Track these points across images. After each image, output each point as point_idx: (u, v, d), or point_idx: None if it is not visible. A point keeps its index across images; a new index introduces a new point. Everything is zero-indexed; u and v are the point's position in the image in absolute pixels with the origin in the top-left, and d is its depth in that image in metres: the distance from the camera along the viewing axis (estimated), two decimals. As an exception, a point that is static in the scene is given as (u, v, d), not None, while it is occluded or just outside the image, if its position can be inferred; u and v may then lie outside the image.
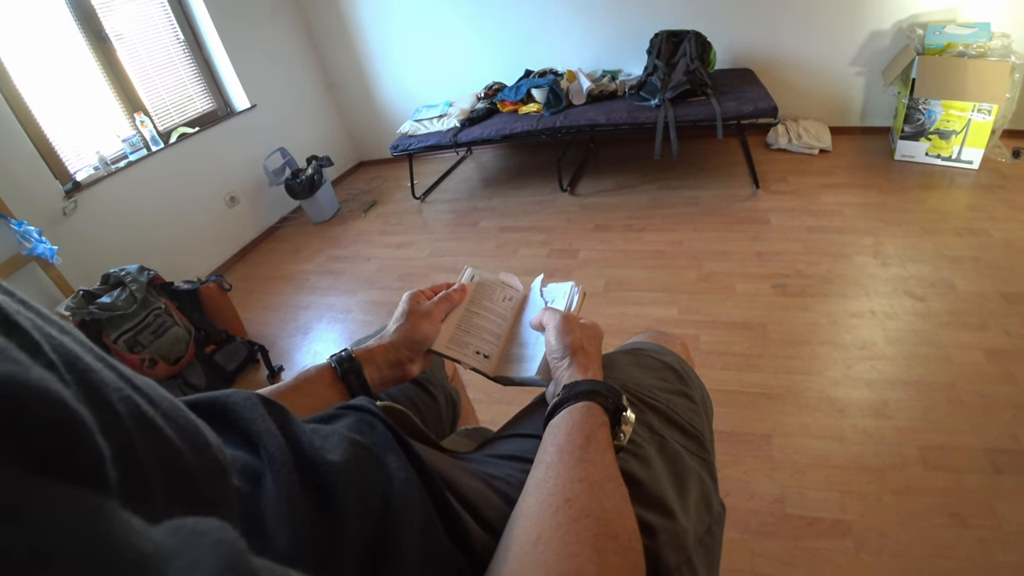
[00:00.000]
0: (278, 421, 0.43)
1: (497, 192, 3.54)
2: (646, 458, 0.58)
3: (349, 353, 0.67)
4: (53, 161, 2.54)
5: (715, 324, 2.01)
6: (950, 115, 2.71)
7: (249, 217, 3.57)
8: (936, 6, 2.92)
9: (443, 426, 0.86)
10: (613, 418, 0.55)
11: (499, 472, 0.58)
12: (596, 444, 0.50)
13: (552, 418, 0.55)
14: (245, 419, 0.42)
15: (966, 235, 2.29)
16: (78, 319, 2.02)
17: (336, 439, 0.46)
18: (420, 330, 0.71)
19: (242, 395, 0.44)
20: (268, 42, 3.75)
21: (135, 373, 0.31)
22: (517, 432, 0.68)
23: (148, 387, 0.31)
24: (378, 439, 0.48)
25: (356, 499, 0.41)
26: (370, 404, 0.53)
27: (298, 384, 0.63)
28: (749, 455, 1.50)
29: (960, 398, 1.58)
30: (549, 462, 0.49)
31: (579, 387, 0.56)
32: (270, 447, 0.40)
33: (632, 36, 3.41)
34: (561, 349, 0.63)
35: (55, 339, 0.26)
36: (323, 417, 0.52)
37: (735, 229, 2.59)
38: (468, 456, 0.64)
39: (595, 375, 0.60)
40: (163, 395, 0.32)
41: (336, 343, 2.41)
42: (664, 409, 0.67)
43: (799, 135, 3.27)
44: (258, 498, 0.37)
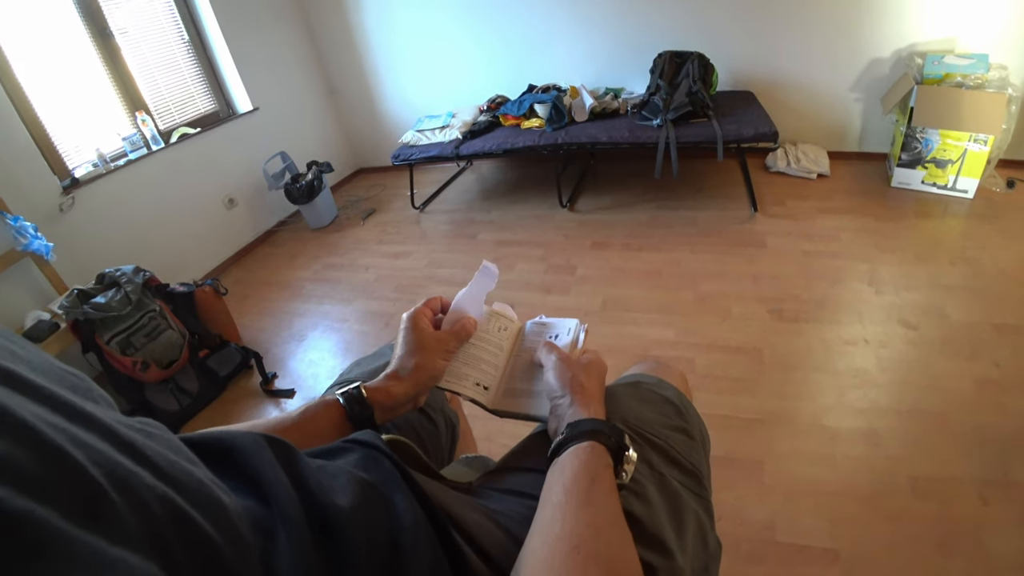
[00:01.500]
0: (285, 464, 0.43)
1: (496, 205, 3.55)
2: (646, 496, 0.59)
3: (360, 392, 0.64)
4: (52, 157, 2.53)
5: (711, 347, 2.02)
6: (947, 144, 2.74)
7: (247, 220, 3.56)
8: (935, 36, 2.97)
9: (443, 451, 0.86)
10: (616, 456, 0.55)
11: (502, 507, 0.58)
12: (601, 486, 0.51)
13: (556, 456, 0.56)
14: (253, 466, 0.42)
15: (960, 264, 2.31)
16: (71, 318, 2.01)
17: (344, 479, 0.46)
18: (437, 367, 0.68)
19: (248, 438, 0.44)
20: (272, 45, 3.76)
21: (160, 452, 0.32)
22: (520, 466, 0.68)
23: (175, 469, 0.32)
24: (385, 476, 0.49)
25: (366, 543, 0.41)
26: (376, 439, 0.53)
27: (303, 420, 0.61)
28: (741, 480, 1.51)
29: (950, 428, 1.60)
30: (556, 503, 0.50)
31: (582, 426, 0.57)
32: (281, 501, 0.40)
33: (636, 55, 3.44)
34: (560, 388, 0.63)
35: (93, 449, 0.27)
36: (328, 451, 0.53)
37: (732, 251, 2.61)
38: (470, 489, 0.64)
39: (596, 412, 0.60)
40: (188, 475, 0.32)
41: (331, 352, 2.40)
42: (663, 446, 0.67)
43: (797, 159, 3.30)
44: (271, 554, 0.37)
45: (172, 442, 0.34)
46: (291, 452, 0.45)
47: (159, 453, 0.31)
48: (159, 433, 0.34)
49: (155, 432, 0.34)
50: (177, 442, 0.35)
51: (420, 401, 0.71)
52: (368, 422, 0.63)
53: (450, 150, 3.28)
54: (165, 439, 0.34)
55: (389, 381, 0.66)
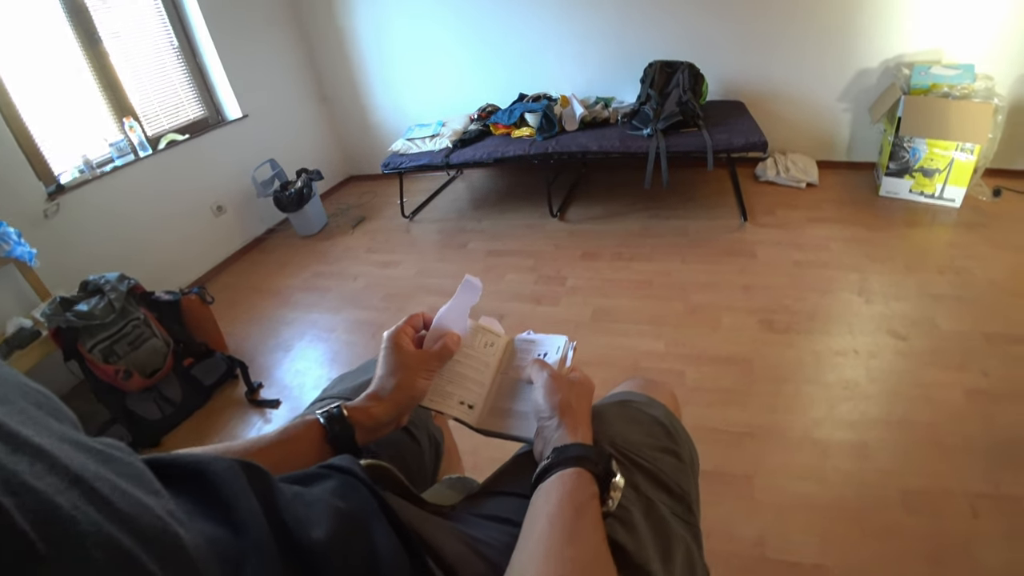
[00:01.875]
0: (260, 493, 0.41)
1: (486, 214, 3.54)
2: (632, 524, 0.57)
3: (341, 412, 0.62)
4: (37, 161, 2.50)
5: (701, 359, 2.01)
6: (934, 154, 2.76)
7: (235, 227, 3.53)
8: (922, 47, 3.00)
9: (426, 470, 0.84)
10: (602, 483, 0.54)
11: (483, 535, 0.56)
12: (586, 518, 0.49)
13: (541, 481, 0.54)
14: (225, 494, 0.40)
15: (948, 273, 2.32)
16: (53, 326, 1.97)
17: (321, 508, 0.44)
18: (419, 387, 0.67)
19: (222, 464, 0.42)
20: (263, 52, 3.74)
21: (115, 484, 0.29)
22: (504, 490, 0.66)
23: (128, 503, 0.29)
24: (363, 505, 0.47)
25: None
26: (354, 466, 0.52)
27: (282, 440, 0.59)
28: (731, 495, 1.49)
29: (940, 440, 1.59)
30: (539, 535, 0.48)
31: (569, 451, 0.55)
32: (253, 532, 0.38)
33: (626, 64, 3.45)
34: (549, 409, 0.62)
35: (30, 491, 0.25)
36: (305, 476, 0.51)
37: (722, 261, 2.60)
38: (452, 514, 0.63)
39: (584, 436, 0.59)
40: (143, 509, 0.30)
41: (318, 362, 2.37)
42: (651, 469, 0.66)
43: (787, 168, 3.31)
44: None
45: (134, 468, 0.32)
46: (266, 480, 0.43)
47: (113, 485, 0.29)
48: (121, 457, 0.32)
49: (117, 456, 0.32)
50: (140, 468, 0.33)
51: (403, 421, 0.69)
52: (349, 443, 0.62)
53: (440, 159, 3.26)
54: (127, 464, 0.32)
55: (369, 402, 0.65)
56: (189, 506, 0.38)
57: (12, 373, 0.32)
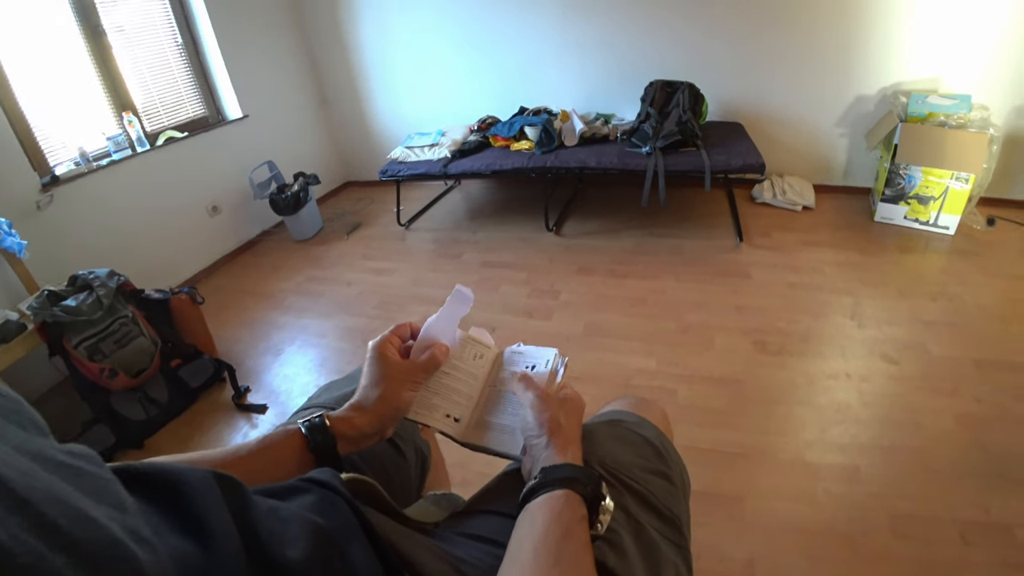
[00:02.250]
0: (235, 507, 0.40)
1: (482, 226, 3.54)
2: (621, 548, 0.56)
3: (323, 422, 0.61)
4: (33, 151, 2.47)
5: (693, 378, 2.00)
6: (929, 181, 2.79)
7: (229, 228, 3.51)
8: (920, 75, 3.04)
9: (411, 485, 0.82)
10: (591, 505, 0.53)
11: (467, 555, 0.55)
12: (573, 543, 0.48)
13: (528, 501, 0.53)
14: (198, 507, 0.38)
15: (941, 299, 2.33)
16: (39, 320, 1.94)
17: (297, 526, 0.42)
18: (403, 399, 0.65)
19: (197, 475, 0.40)
20: (266, 53, 3.74)
21: (67, 506, 0.27)
22: (490, 509, 0.64)
23: (82, 527, 0.27)
24: (342, 523, 0.45)
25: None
26: (334, 480, 0.50)
27: (262, 448, 0.58)
28: (721, 516, 1.48)
29: (931, 465, 1.59)
30: (524, 561, 0.46)
31: (557, 472, 0.54)
32: (225, 548, 0.36)
33: (628, 82, 3.47)
34: (538, 427, 0.60)
35: None
36: (283, 489, 0.49)
37: (716, 281, 2.60)
38: (436, 532, 0.61)
39: (573, 456, 0.57)
40: (96, 531, 0.27)
41: (307, 368, 2.35)
42: (642, 491, 0.64)
43: (783, 190, 3.34)
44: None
45: (99, 481, 0.30)
46: (241, 493, 0.42)
47: (66, 507, 0.27)
48: (87, 469, 0.30)
49: (82, 468, 0.30)
50: (106, 480, 0.31)
51: (387, 433, 0.67)
52: (331, 453, 0.60)
53: (438, 168, 3.26)
54: (91, 477, 0.30)
55: (352, 412, 0.63)
56: (158, 518, 0.36)
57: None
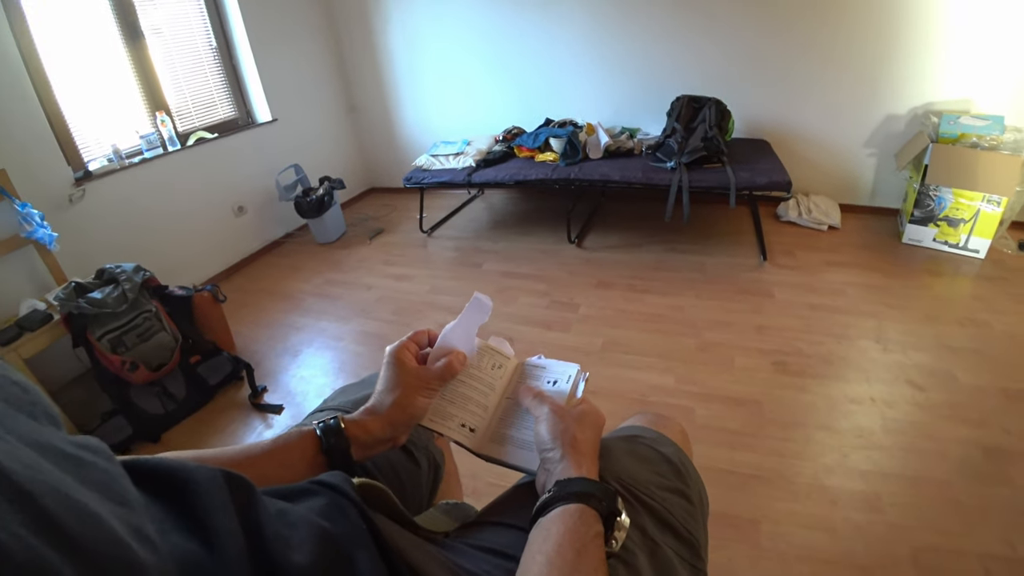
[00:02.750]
0: (242, 509, 0.39)
1: (504, 236, 3.54)
2: (636, 568, 0.54)
3: (338, 424, 0.60)
4: (68, 147, 2.54)
5: (711, 397, 1.97)
6: (960, 203, 2.73)
7: (254, 229, 3.56)
8: (952, 96, 2.99)
9: (423, 493, 0.81)
10: (606, 522, 0.51)
11: (476, 567, 0.54)
12: (588, 560, 0.46)
13: (541, 515, 0.52)
14: (204, 507, 0.38)
15: (968, 326, 2.27)
16: (65, 311, 1.98)
17: (304, 530, 0.42)
18: (417, 405, 0.64)
19: (206, 475, 0.40)
20: (297, 59, 3.81)
21: (71, 501, 0.27)
22: (502, 521, 0.63)
23: (85, 525, 0.26)
24: (350, 529, 0.45)
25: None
26: (345, 485, 0.49)
27: (275, 449, 0.58)
28: (735, 540, 1.45)
29: (956, 497, 1.53)
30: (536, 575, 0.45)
31: (572, 486, 0.53)
32: (230, 550, 0.35)
33: (654, 97, 3.46)
34: (551, 440, 0.59)
35: None
36: (291, 492, 0.48)
37: (737, 300, 2.57)
38: (446, 542, 0.60)
39: (589, 471, 0.56)
40: (99, 530, 0.27)
41: (323, 370, 2.36)
42: (659, 509, 0.62)
43: (809, 209, 3.29)
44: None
45: (105, 475, 0.30)
46: (250, 493, 0.41)
47: (68, 501, 0.26)
48: (94, 462, 0.30)
49: (89, 461, 0.30)
50: (112, 475, 0.30)
51: (400, 440, 0.66)
52: (344, 456, 0.59)
53: (462, 177, 3.28)
54: (98, 470, 0.30)
55: (367, 416, 0.63)
56: (164, 515, 0.36)
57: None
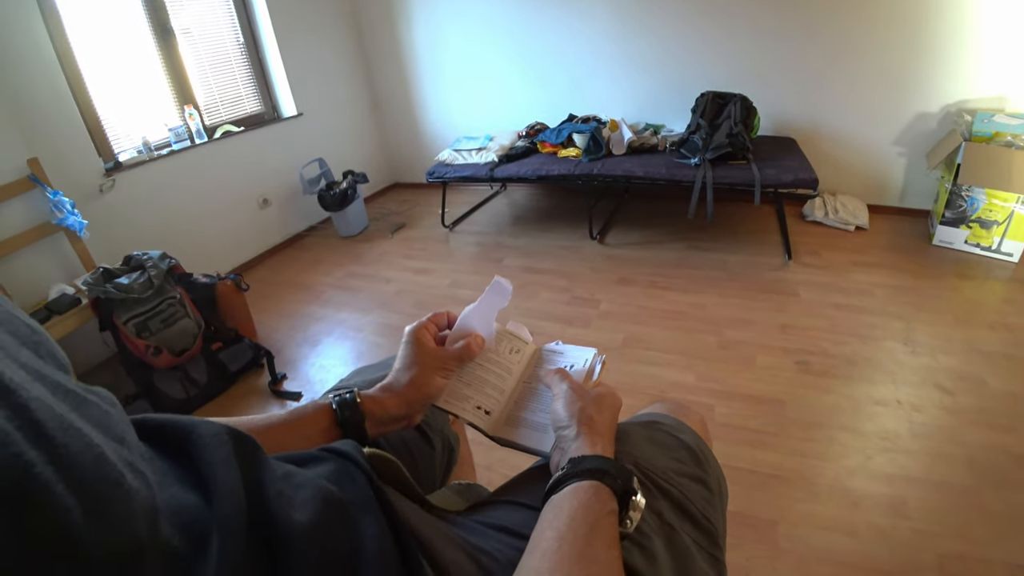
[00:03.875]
0: (244, 463, 0.39)
1: (525, 231, 3.53)
2: (652, 552, 0.53)
3: (354, 399, 0.61)
4: (99, 139, 2.61)
5: (732, 395, 1.94)
6: (993, 204, 2.65)
7: (278, 221, 3.60)
8: (986, 93, 2.90)
9: (436, 474, 0.80)
10: (620, 501, 0.50)
11: (487, 545, 0.53)
12: (601, 537, 0.45)
13: (554, 492, 0.50)
14: (206, 460, 0.37)
15: (1000, 330, 2.20)
16: (93, 295, 2.03)
17: (309, 491, 0.41)
18: (433, 385, 0.65)
19: (210, 429, 0.40)
20: (322, 54, 3.85)
21: (70, 416, 0.26)
22: (514, 500, 0.62)
23: (68, 435, 0.26)
24: (357, 495, 0.44)
25: (317, 569, 0.36)
26: (355, 452, 0.49)
27: (290, 421, 0.58)
28: (753, 540, 1.42)
29: (984, 505, 1.49)
30: (546, 550, 0.44)
31: (586, 463, 0.52)
32: (225, 506, 0.35)
33: (679, 93, 3.43)
34: (567, 418, 0.58)
35: None
36: (302, 458, 0.48)
37: (761, 299, 2.53)
38: (456, 519, 0.59)
39: (604, 450, 0.54)
40: (86, 447, 0.26)
41: (342, 360, 2.38)
42: (677, 495, 0.61)
43: (836, 209, 3.22)
44: (195, 566, 0.32)
45: (105, 416, 0.30)
46: (255, 452, 0.41)
47: (61, 418, 0.26)
48: (96, 402, 0.30)
49: (91, 400, 0.30)
50: (114, 417, 0.30)
51: (415, 420, 0.66)
52: (358, 430, 0.59)
53: (485, 172, 3.28)
54: (99, 410, 0.30)
55: (383, 393, 0.63)
56: (167, 469, 0.36)
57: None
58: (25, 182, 2.21)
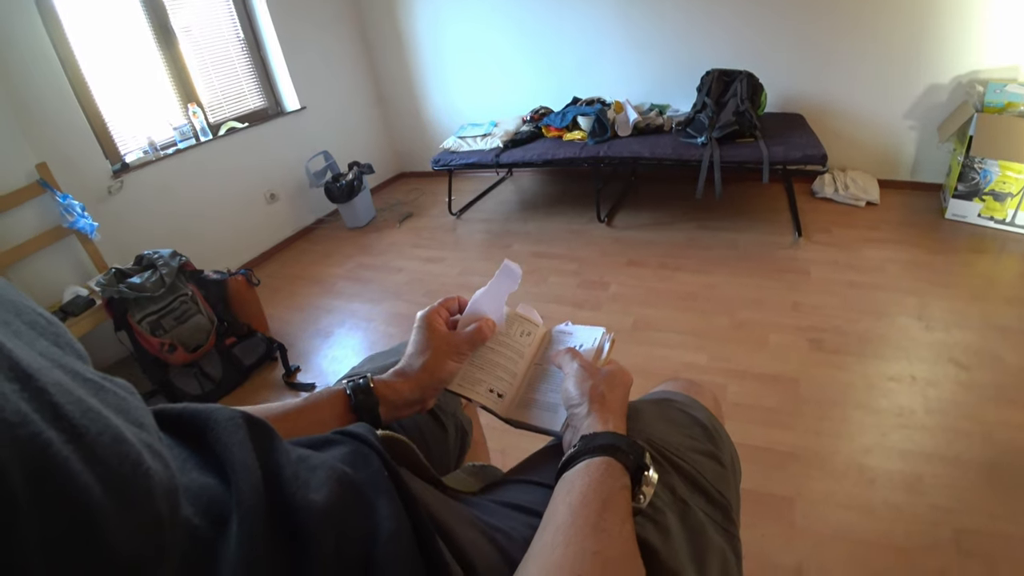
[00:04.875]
0: (260, 447, 0.39)
1: (533, 216, 3.52)
2: (665, 526, 0.53)
3: (368, 384, 0.61)
4: (106, 141, 2.63)
5: (745, 375, 1.93)
6: (1007, 176, 2.61)
7: (286, 216, 3.61)
8: (998, 63, 2.84)
9: (449, 458, 0.81)
10: (633, 476, 0.50)
11: (502, 523, 0.53)
12: (614, 511, 0.45)
13: (566, 470, 0.51)
14: (222, 443, 0.38)
15: (1017, 304, 2.17)
16: (107, 296, 2.05)
17: (324, 473, 0.41)
18: (446, 369, 0.65)
19: (225, 414, 0.40)
20: (324, 47, 3.83)
21: (88, 399, 0.27)
22: (528, 479, 0.63)
23: (86, 416, 0.26)
24: (372, 477, 0.44)
25: (334, 552, 0.37)
26: (369, 434, 0.49)
27: (305, 407, 0.59)
28: (769, 518, 1.42)
29: (1001, 480, 1.48)
30: (559, 524, 0.44)
31: (598, 440, 0.52)
32: (242, 484, 0.35)
33: (684, 72, 3.38)
34: (578, 396, 0.59)
35: None
36: (316, 442, 0.48)
37: (772, 277, 2.51)
38: (471, 499, 0.59)
39: (616, 427, 0.55)
40: (104, 427, 0.26)
41: (355, 351, 2.39)
42: (690, 471, 0.61)
43: (846, 185, 3.19)
44: (218, 543, 0.33)
45: (126, 402, 0.30)
46: (269, 436, 0.41)
47: (79, 401, 0.26)
48: (114, 390, 0.30)
49: (109, 388, 0.30)
50: (132, 403, 0.31)
51: (428, 404, 0.67)
52: (372, 415, 0.60)
53: (490, 158, 3.26)
54: (120, 398, 0.30)
55: (396, 378, 0.64)
56: (186, 456, 0.37)
57: (13, 292, 0.31)
58: (35, 187, 2.23)
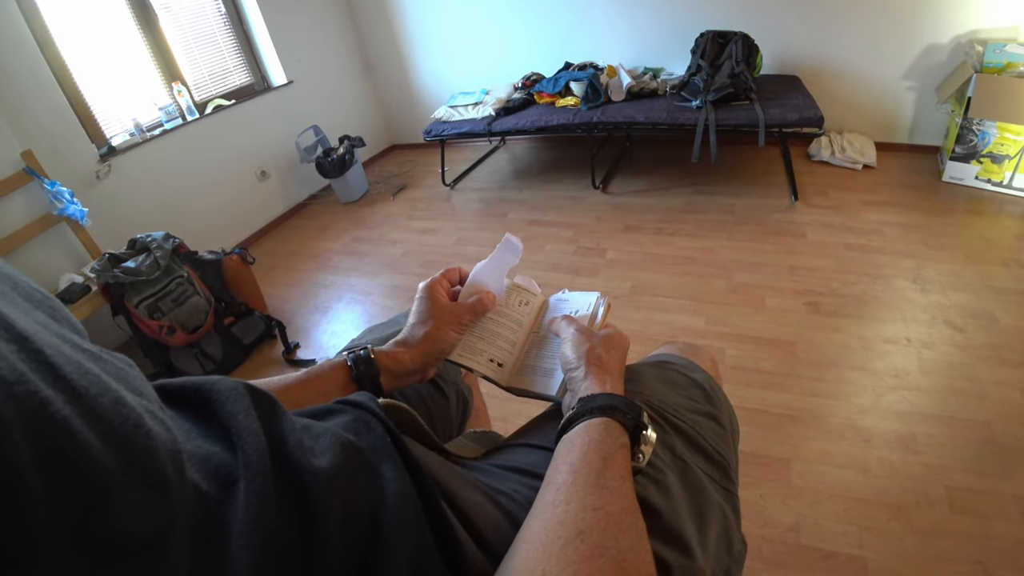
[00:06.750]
0: (264, 416, 0.39)
1: (528, 184, 3.50)
2: (666, 485, 0.54)
3: (368, 354, 0.62)
4: (90, 125, 2.58)
5: (742, 338, 1.95)
6: (1005, 138, 2.59)
7: (278, 192, 3.58)
8: (998, 23, 2.79)
9: (451, 426, 0.82)
10: (632, 436, 0.51)
11: (504, 486, 0.54)
12: (614, 468, 0.46)
13: (566, 432, 0.51)
14: (227, 412, 0.38)
15: (1013, 266, 2.18)
16: (102, 281, 2.04)
17: (328, 440, 0.42)
18: (448, 339, 0.66)
19: (228, 384, 0.41)
20: (309, 19, 3.74)
21: (88, 365, 0.27)
22: (528, 442, 0.63)
23: (86, 379, 0.26)
24: (375, 443, 0.45)
25: (340, 515, 0.37)
26: (371, 402, 0.49)
27: (307, 379, 0.59)
28: (767, 478, 1.45)
29: (994, 439, 1.50)
30: (561, 483, 0.45)
31: (596, 401, 0.52)
32: (248, 448, 0.36)
33: (677, 34, 3.32)
34: (576, 359, 0.59)
35: None
36: (318, 411, 0.49)
37: (769, 241, 2.51)
38: (473, 464, 0.60)
39: (614, 388, 0.55)
40: (104, 389, 0.26)
41: (354, 324, 2.40)
42: (689, 431, 0.62)
43: (843, 148, 3.16)
44: (226, 506, 0.33)
45: (125, 372, 0.30)
46: (273, 405, 0.42)
47: (78, 365, 0.26)
48: (113, 361, 0.30)
49: (107, 359, 0.30)
50: (131, 374, 0.31)
51: (429, 374, 0.68)
52: (374, 384, 0.61)
53: (483, 127, 3.22)
54: (119, 368, 0.30)
55: (398, 347, 0.65)
56: (188, 426, 0.37)
57: (8, 268, 0.31)
58: (22, 175, 2.20)
